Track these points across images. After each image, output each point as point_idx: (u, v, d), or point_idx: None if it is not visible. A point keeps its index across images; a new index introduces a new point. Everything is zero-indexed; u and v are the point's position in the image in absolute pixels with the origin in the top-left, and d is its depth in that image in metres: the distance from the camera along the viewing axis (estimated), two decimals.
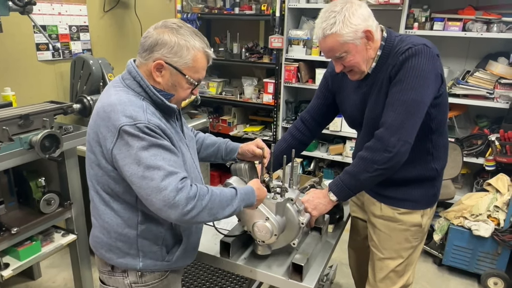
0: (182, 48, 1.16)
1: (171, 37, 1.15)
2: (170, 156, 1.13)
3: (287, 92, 3.69)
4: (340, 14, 1.34)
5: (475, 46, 3.15)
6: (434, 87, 1.40)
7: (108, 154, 1.14)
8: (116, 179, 1.18)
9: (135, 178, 1.09)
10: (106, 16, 3.15)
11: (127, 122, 1.09)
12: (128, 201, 1.21)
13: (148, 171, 1.08)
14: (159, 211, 1.10)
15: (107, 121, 1.12)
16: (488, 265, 2.67)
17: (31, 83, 2.66)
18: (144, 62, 1.19)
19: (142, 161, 1.08)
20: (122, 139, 1.10)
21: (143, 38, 1.19)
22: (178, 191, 1.08)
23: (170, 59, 1.17)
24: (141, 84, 1.19)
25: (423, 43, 1.39)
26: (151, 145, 1.10)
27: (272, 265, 1.46)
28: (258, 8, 3.61)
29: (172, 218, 1.10)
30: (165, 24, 1.18)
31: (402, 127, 1.36)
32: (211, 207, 1.14)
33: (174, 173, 1.10)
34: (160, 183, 1.07)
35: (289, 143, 1.79)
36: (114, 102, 1.14)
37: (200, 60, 1.20)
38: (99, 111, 1.17)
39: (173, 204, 1.07)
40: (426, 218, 1.62)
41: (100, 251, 1.29)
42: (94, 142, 1.18)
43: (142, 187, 1.09)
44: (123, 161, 1.11)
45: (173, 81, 1.20)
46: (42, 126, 1.88)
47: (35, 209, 1.98)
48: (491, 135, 2.86)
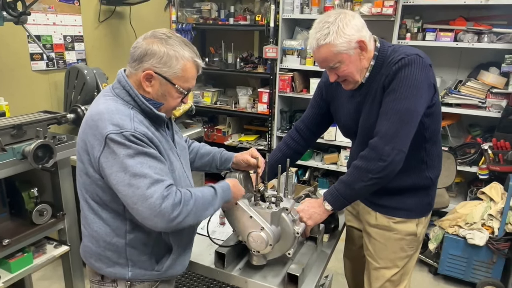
0: (172, 58, 1.17)
1: (160, 47, 1.16)
2: (157, 164, 1.13)
3: (282, 102, 3.71)
4: (334, 24, 1.36)
5: (466, 56, 3.20)
6: (427, 96, 1.41)
7: (95, 162, 1.14)
8: (103, 187, 1.18)
9: (121, 186, 1.09)
10: (101, 26, 3.16)
11: (113, 130, 1.10)
12: (116, 209, 1.21)
13: (134, 179, 1.08)
14: (146, 220, 1.10)
15: (95, 130, 1.13)
16: (484, 274, 2.67)
17: (24, 93, 2.65)
18: (134, 72, 1.20)
19: (128, 169, 1.08)
20: (108, 147, 1.10)
21: (133, 48, 1.20)
22: (164, 198, 1.08)
23: (160, 69, 1.17)
24: (130, 93, 1.19)
25: (416, 53, 1.40)
26: (137, 153, 1.10)
27: (268, 276, 1.44)
28: (253, 18, 3.65)
29: (158, 227, 1.11)
30: (154, 34, 1.19)
31: (396, 136, 1.37)
32: (195, 211, 1.16)
33: (160, 180, 1.10)
34: (146, 191, 1.07)
35: (284, 152, 1.79)
36: (102, 111, 1.15)
37: (189, 70, 1.21)
38: (88, 120, 1.17)
39: (160, 212, 1.08)
40: (421, 227, 1.62)
41: (90, 260, 1.29)
42: (83, 151, 1.18)
43: (128, 195, 1.09)
44: (109, 169, 1.11)
45: (162, 91, 1.21)
46: (35, 136, 1.86)
47: (27, 220, 1.96)
48: (484, 144, 2.89)
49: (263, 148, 3.79)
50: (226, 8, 3.94)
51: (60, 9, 2.81)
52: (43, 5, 2.68)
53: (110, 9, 3.19)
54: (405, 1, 2.94)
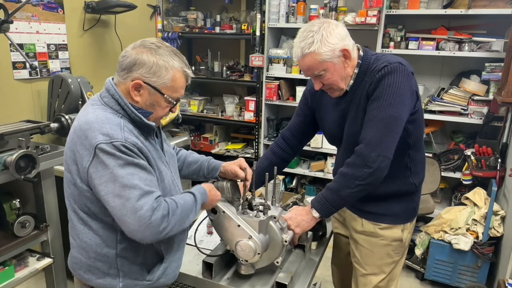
0: (161, 68, 1.16)
1: (150, 57, 1.15)
2: (146, 176, 1.12)
3: (268, 110, 3.72)
4: (318, 33, 1.38)
5: (448, 64, 3.28)
6: (410, 103, 1.44)
7: (84, 173, 1.12)
8: (91, 199, 1.16)
9: (111, 197, 1.08)
10: (85, 34, 3.13)
11: (103, 140, 1.08)
12: (105, 221, 1.19)
13: (124, 190, 1.07)
14: (134, 233, 1.08)
15: (84, 139, 1.11)
16: (469, 279, 2.70)
17: (7, 102, 2.60)
18: (122, 81, 1.19)
19: (118, 179, 1.07)
20: (98, 158, 1.09)
21: (121, 57, 1.19)
22: (154, 210, 1.08)
23: (149, 79, 1.16)
24: (119, 102, 1.18)
25: (398, 61, 1.43)
26: (127, 163, 1.09)
27: (256, 285, 1.43)
28: (239, 27, 3.67)
29: (147, 239, 1.10)
30: (143, 44, 1.18)
31: (381, 143, 1.39)
32: (180, 219, 1.16)
33: (150, 192, 1.09)
34: (136, 203, 1.06)
35: (270, 160, 1.79)
36: (91, 120, 1.13)
37: (179, 80, 1.21)
38: (76, 129, 1.16)
39: (149, 224, 1.07)
40: (407, 233, 1.64)
41: (79, 272, 1.26)
42: (71, 161, 1.16)
43: (117, 207, 1.07)
44: (99, 180, 1.09)
45: (151, 100, 1.20)
46: (17, 146, 1.83)
47: (9, 233, 1.91)
48: (467, 150, 2.94)
49: (250, 156, 3.79)
50: (212, 17, 3.96)
51: (43, 17, 2.77)
52: (26, 13, 2.65)
53: (95, 18, 3.17)
54: (388, 11, 3.01)
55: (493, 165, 2.73)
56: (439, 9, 2.94)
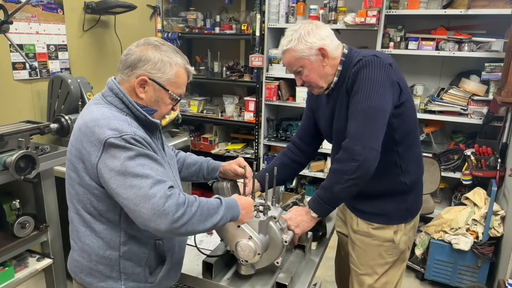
0: (166, 64, 1.18)
1: (155, 53, 1.17)
2: (158, 167, 1.12)
3: (268, 110, 3.72)
4: (296, 32, 1.47)
5: (448, 64, 3.28)
6: (392, 94, 1.43)
7: (92, 169, 1.11)
8: (100, 196, 1.15)
9: (122, 188, 1.06)
10: (85, 35, 3.13)
11: (112, 135, 1.08)
12: (111, 220, 1.18)
13: (136, 179, 1.06)
14: (148, 222, 1.05)
15: (91, 136, 1.11)
16: (469, 279, 2.70)
17: (6, 103, 2.60)
18: (126, 79, 1.19)
19: (129, 170, 1.06)
20: (107, 152, 1.08)
21: (125, 55, 1.19)
22: (167, 197, 1.06)
23: (154, 75, 1.17)
24: (123, 101, 1.18)
25: (373, 54, 1.45)
26: (138, 154, 1.09)
27: (256, 285, 1.43)
28: (239, 27, 3.67)
29: (161, 228, 1.06)
30: (147, 42, 1.20)
31: (365, 135, 1.39)
32: (200, 213, 1.12)
33: (162, 181, 1.08)
34: (149, 191, 1.05)
35: (281, 160, 1.81)
36: (97, 117, 1.13)
37: (182, 76, 1.23)
38: (82, 127, 1.15)
39: (163, 211, 1.04)
40: (401, 234, 1.61)
41: (80, 275, 1.25)
42: (76, 159, 1.15)
43: (130, 198, 1.05)
44: (108, 174, 1.08)
45: (156, 97, 1.21)
46: (17, 146, 1.83)
47: (9, 233, 1.90)
48: (467, 150, 2.95)
49: (250, 156, 3.79)
50: (211, 17, 3.96)
51: (43, 18, 2.77)
52: (25, 14, 2.65)
53: (95, 18, 3.17)
54: (387, 11, 3.01)
55: (493, 165, 2.74)
56: (439, 9, 2.94)
